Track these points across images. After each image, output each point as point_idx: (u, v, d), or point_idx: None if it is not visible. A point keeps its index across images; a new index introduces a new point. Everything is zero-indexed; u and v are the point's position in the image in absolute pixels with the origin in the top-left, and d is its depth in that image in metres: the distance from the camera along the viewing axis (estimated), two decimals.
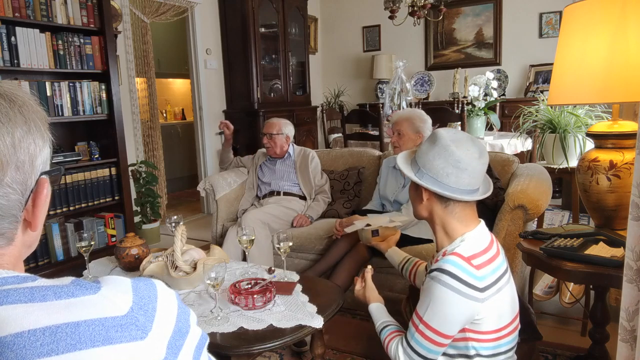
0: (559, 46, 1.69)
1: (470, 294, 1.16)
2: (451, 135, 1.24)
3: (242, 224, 2.54)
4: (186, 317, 0.59)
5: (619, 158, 1.63)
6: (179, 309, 0.59)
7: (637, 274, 1.02)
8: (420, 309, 1.22)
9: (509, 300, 1.25)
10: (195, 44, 4.73)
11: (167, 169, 5.07)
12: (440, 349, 1.22)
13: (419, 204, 1.30)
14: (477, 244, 1.22)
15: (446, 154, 1.20)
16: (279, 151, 3.02)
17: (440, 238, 1.29)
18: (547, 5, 5.24)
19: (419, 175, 1.24)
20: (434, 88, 5.97)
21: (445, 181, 1.21)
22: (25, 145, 0.57)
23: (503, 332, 1.24)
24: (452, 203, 1.24)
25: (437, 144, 1.22)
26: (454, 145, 1.20)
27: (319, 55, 6.63)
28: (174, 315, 0.57)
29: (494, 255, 1.23)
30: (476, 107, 3.86)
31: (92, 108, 3.23)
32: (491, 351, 1.25)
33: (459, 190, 1.21)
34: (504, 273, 1.25)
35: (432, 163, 1.22)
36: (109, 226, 3.40)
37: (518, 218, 2.12)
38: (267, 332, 1.47)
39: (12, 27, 2.78)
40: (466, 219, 1.26)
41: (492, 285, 1.20)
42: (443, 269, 1.17)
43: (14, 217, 0.57)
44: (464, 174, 1.20)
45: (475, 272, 1.17)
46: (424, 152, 1.25)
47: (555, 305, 2.45)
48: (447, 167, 1.20)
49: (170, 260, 1.79)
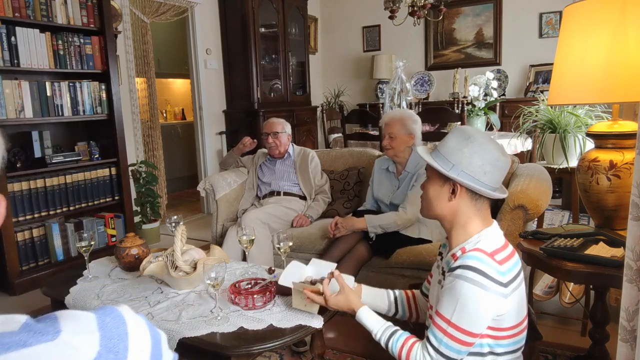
0: (559, 46, 1.69)
1: (496, 290, 1.15)
2: (481, 133, 1.25)
3: (242, 224, 2.54)
4: (158, 345, 0.54)
5: (619, 158, 1.63)
6: (152, 339, 0.53)
7: (637, 274, 1.02)
8: (447, 311, 1.17)
9: (519, 300, 1.25)
10: (195, 44, 4.73)
11: (167, 169, 5.07)
12: (469, 349, 1.19)
13: (444, 202, 1.26)
14: (496, 240, 1.23)
15: (484, 152, 1.21)
16: (282, 150, 3.02)
17: (457, 236, 1.27)
18: (547, 5, 5.24)
19: (454, 171, 1.22)
20: (434, 88, 5.97)
21: (482, 179, 1.21)
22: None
23: (517, 329, 1.23)
24: (480, 200, 1.25)
25: (472, 142, 1.22)
26: (490, 144, 1.22)
27: (319, 55, 6.63)
28: (148, 350, 0.52)
29: (512, 251, 1.24)
30: (476, 107, 3.87)
31: (92, 108, 3.23)
32: (505, 349, 1.24)
33: (491, 187, 1.23)
34: (519, 272, 1.25)
35: (469, 160, 1.21)
36: (109, 226, 3.41)
37: (518, 218, 2.12)
38: (267, 332, 1.47)
39: (12, 27, 2.78)
40: (486, 216, 1.27)
41: (513, 281, 1.19)
42: (467, 265, 1.16)
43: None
44: (498, 172, 1.23)
45: (499, 267, 1.16)
46: (456, 149, 1.23)
47: (555, 305, 2.45)
48: (486, 164, 1.21)
49: (170, 260, 1.79)
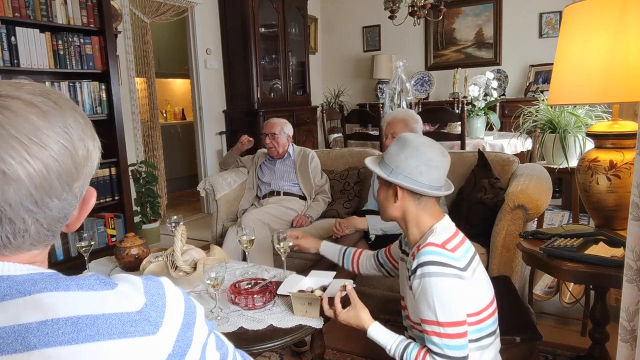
0: (559, 46, 1.69)
1: (457, 274, 1.21)
2: (418, 138, 1.35)
3: (242, 224, 2.54)
4: (192, 311, 0.62)
5: (619, 158, 1.63)
6: (186, 303, 0.62)
7: (637, 274, 1.02)
8: (430, 314, 1.20)
9: (485, 280, 1.32)
10: (195, 44, 4.73)
11: (167, 169, 5.07)
12: (467, 339, 1.22)
13: (391, 205, 1.36)
14: (446, 232, 1.30)
15: (418, 154, 1.30)
16: (281, 150, 3.02)
17: (413, 234, 1.36)
18: (547, 5, 5.24)
19: (394, 175, 1.32)
20: (434, 88, 5.97)
21: (419, 179, 1.30)
22: (92, 158, 0.61)
23: (483, 314, 1.27)
24: (424, 199, 1.34)
25: (408, 146, 1.32)
26: (423, 146, 1.32)
27: (319, 55, 6.63)
28: (182, 311, 0.60)
29: (462, 239, 1.32)
30: (476, 107, 3.86)
31: (92, 108, 3.23)
32: (486, 331, 1.28)
33: (431, 187, 1.31)
34: (474, 255, 1.32)
35: (405, 163, 1.31)
36: (109, 226, 3.40)
37: (518, 218, 2.12)
38: (267, 332, 1.47)
39: (12, 27, 2.78)
40: (435, 213, 1.36)
41: (470, 263, 1.27)
42: (424, 262, 1.22)
43: (66, 220, 0.61)
44: (435, 171, 1.31)
45: (452, 255, 1.23)
46: (395, 154, 1.34)
47: (555, 305, 2.45)
48: (421, 165, 1.30)
49: (170, 260, 1.79)
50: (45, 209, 0.56)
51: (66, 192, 0.57)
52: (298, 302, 1.53)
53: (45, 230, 0.58)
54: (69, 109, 0.59)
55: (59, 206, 0.57)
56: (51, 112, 0.56)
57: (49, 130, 0.55)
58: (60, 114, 0.57)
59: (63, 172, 0.56)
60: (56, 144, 0.55)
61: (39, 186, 0.54)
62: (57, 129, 0.56)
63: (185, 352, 0.58)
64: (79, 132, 0.58)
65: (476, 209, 2.30)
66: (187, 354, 0.59)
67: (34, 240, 0.57)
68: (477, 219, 2.28)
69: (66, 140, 0.56)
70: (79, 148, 0.58)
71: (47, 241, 0.60)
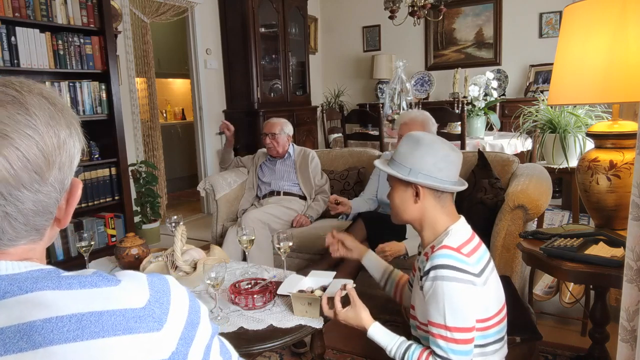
0: (559, 46, 1.69)
1: (471, 280, 1.18)
2: (428, 135, 1.32)
3: (242, 224, 2.54)
4: (197, 310, 0.62)
5: (619, 158, 1.63)
6: (190, 301, 0.62)
7: (637, 274, 1.02)
8: (439, 317, 1.18)
9: (495, 288, 1.28)
10: (195, 44, 4.73)
11: (167, 169, 5.07)
12: (472, 345, 1.21)
13: (411, 205, 1.31)
14: (462, 235, 1.27)
15: (433, 151, 1.27)
16: (281, 150, 3.02)
17: (428, 235, 1.32)
18: (547, 5, 5.24)
19: (413, 174, 1.27)
20: (434, 88, 5.97)
21: (439, 175, 1.27)
22: (67, 147, 0.59)
23: (491, 321, 1.25)
24: (443, 197, 1.30)
25: (422, 144, 1.28)
26: (436, 143, 1.28)
27: (319, 55, 6.63)
28: (186, 310, 0.60)
29: (478, 243, 1.28)
30: (476, 107, 3.86)
31: (92, 108, 3.23)
32: (492, 338, 1.26)
33: (450, 182, 1.29)
34: (489, 261, 1.29)
35: (422, 161, 1.27)
36: (109, 226, 3.40)
37: (518, 218, 2.12)
38: (267, 332, 1.47)
39: (12, 27, 2.78)
40: (451, 212, 1.33)
41: (484, 269, 1.24)
42: (437, 265, 1.19)
43: (50, 214, 0.60)
44: (452, 166, 1.29)
45: (467, 260, 1.20)
46: (408, 153, 1.29)
47: (555, 305, 2.45)
48: (439, 162, 1.27)
49: (170, 260, 1.79)
50: (16, 201, 0.54)
51: (38, 183, 0.55)
52: (298, 302, 1.53)
53: (22, 225, 0.56)
54: (35, 96, 0.57)
55: (32, 198, 0.55)
56: (11, 100, 0.55)
57: (7, 119, 0.54)
58: (22, 102, 0.55)
59: (29, 162, 0.54)
60: (15, 132, 0.53)
61: (1, 179, 0.53)
62: (18, 117, 0.54)
63: (188, 352, 0.58)
64: (46, 119, 0.57)
65: (476, 209, 2.30)
66: (190, 353, 0.58)
67: (11, 236, 0.56)
68: (477, 219, 2.28)
69: (28, 128, 0.55)
70: (46, 135, 0.56)
71: (31, 237, 0.58)
